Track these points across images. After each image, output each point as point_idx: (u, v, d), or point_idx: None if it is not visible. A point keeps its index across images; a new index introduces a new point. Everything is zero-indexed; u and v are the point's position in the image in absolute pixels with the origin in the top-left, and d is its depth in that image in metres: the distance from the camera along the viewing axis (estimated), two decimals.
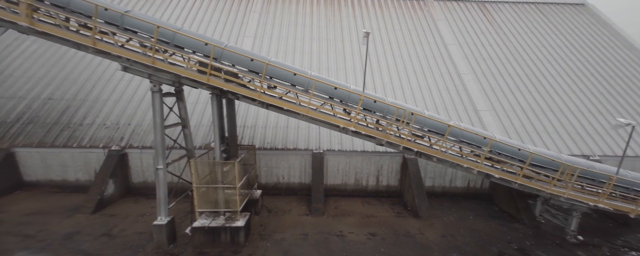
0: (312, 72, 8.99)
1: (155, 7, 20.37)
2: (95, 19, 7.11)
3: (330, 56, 18.54)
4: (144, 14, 8.09)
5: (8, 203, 11.49)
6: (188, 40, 8.05)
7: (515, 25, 22.37)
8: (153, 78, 8.26)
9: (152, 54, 7.49)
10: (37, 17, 7.25)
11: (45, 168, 12.81)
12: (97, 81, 15.32)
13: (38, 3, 7.24)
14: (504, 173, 8.86)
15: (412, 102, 15.85)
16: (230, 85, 8.17)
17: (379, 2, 23.75)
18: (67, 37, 7.11)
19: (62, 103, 14.12)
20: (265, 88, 8.35)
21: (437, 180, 14.13)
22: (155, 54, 7.55)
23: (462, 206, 13.08)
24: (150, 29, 7.91)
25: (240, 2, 22.00)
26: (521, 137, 14.49)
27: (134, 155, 12.95)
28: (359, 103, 8.19)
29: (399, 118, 8.41)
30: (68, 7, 7.48)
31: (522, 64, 19.00)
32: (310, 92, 8.41)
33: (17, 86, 14.61)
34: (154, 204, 12.30)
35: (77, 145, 12.64)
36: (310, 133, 14.19)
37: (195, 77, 7.88)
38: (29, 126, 13.07)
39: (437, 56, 19.06)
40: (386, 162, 13.84)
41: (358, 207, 12.68)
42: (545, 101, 16.61)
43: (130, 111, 14.19)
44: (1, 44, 16.56)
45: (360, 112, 8.71)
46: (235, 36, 19.09)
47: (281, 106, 8.28)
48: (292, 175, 13.89)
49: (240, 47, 8.79)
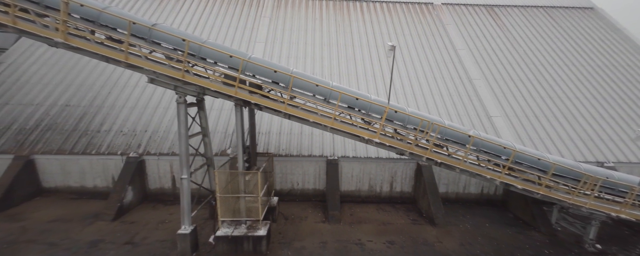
0: (333, 82, 9.08)
1: (167, 13, 20.54)
2: (128, 34, 7.23)
3: (342, 62, 18.63)
4: (170, 27, 8.22)
5: (29, 210, 11.65)
6: (213, 52, 8.17)
7: (525, 29, 22.39)
8: (179, 90, 8.38)
9: (183, 68, 7.62)
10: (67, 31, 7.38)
11: (64, 174, 12.97)
12: (113, 87, 15.48)
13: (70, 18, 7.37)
14: (526, 183, 8.92)
15: (424, 108, 15.91)
16: (258, 98, 8.29)
17: (388, 6, 23.83)
18: (100, 52, 7.24)
19: (79, 110, 14.28)
20: (289, 100, 8.45)
21: (451, 186, 14.19)
22: (185, 68, 7.67)
23: (477, 213, 13.12)
24: (177, 42, 8.03)
25: (250, 7, 22.14)
26: (534, 143, 14.52)
27: (151, 161, 13.09)
28: (384, 114, 8.27)
29: (422, 130, 8.49)
30: (97, 21, 7.61)
31: (532, 68, 19.02)
32: (335, 104, 8.51)
33: (34, 93, 14.79)
34: (172, 210, 12.45)
35: (95, 152, 12.79)
36: (324, 139, 14.28)
37: (223, 90, 8.00)
38: (48, 133, 13.24)
39: (447, 61, 19.11)
40: (400, 169, 13.91)
41: (373, 214, 12.75)
42: (557, 106, 16.64)
43: (146, 118, 14.33)
44: (17, 51, 16.78)
45: (376, 120, 8.79)
46: (246, 42, 19.23)
47: (307, 118, 8.39)
48: (306, 181, 13.99)
49: (263, 58, 8.90)
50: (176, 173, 13.35)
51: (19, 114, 13.82)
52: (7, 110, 13.88)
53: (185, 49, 7.54)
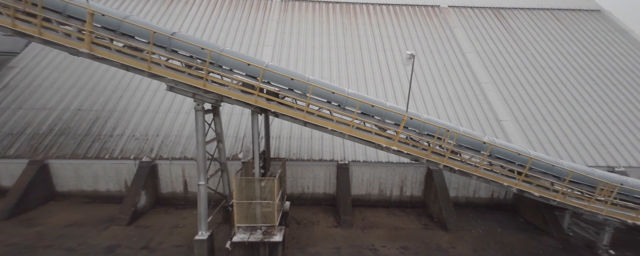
0: (348, 89, 9.14)
1: (175, 17, 20.65)
2: (151, 43, 7.31)
3: (349, 65, 18.69)
4: (188, 36, 8.29)
5: (44, 215, 11.76)
6: (232, 61, 8.24)
7: (532, 32, 22.37)
8: (197, 98, 8.45)
9: (204, 77, 7.69)
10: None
11: (78, 179, 13.08)
12: (124, 91, 15.59)
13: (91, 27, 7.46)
14: (543, 191, 8.95)
15: (433, 112, 15.94)
16: (276, 106, 8.36)
17: (395, 9, 23.87)
18: (125, 63, 7.33)
19: (91, 115, 14.39)
20: (307, 108, 8.51)
21: (461, 190, 14.22)
22: (206, 77, 7.75)
23: (488, 218, 13.15)
24: (196, 50, 8.10)
25: (258, 10, 22.22)
26: (544, 147, 14.53)
27: (163, 166, 13.18)
28: (402, 122, 8.32)
29: (438, 137, 8.53)
30: (118, 30, 7.70)
31: (541, 72, 19.01)
32: (350, 111, 8.57)
33: (46, 97, 14.92)
34: (184, 215, 12.54)
35: (108, 156, 12.89)
36: (335, 143, 14.33)
37: (243, 98, 8.06)
38: (61, 137, 13.35)
39: (455, 64, 19.13)
40: (410, 173, 13.95)
41: (384, 218, 12.80)
42: (566, 110, 16.63)
43: (157, 122, 14.43)
44: (28, 55, 16.92)
45: (390, 127, 8.84)
46: (255, 45, 19.31)
47: (325, 126, 8.45)
48: (316, 185, 14.05)
49: (279, 66, 8.97)
50: (188, 178, 13.44)
51: (32, 119, 13.95)
52: (20, 115, 14.01)
53: (207, 59, 7.61)
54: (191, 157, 13.20)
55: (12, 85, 15.27)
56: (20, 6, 6.66)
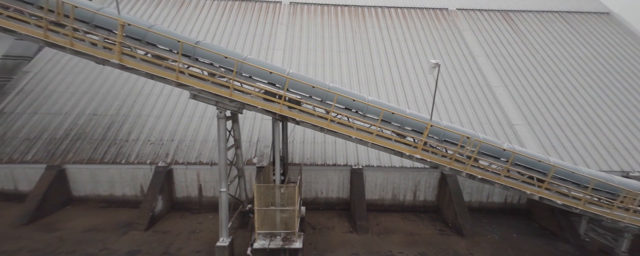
0: (369, 96, 9.18)
1: (185, 21, 20.76)
2: (180, 53, 7.39)
3: (360, 69, 18.72)
4: (212, 44, 8.36)
5: (63, 220, 11.86)
6: (255, 69, 8.30)
7: (541, 35, 22.33)
8: (219, 106, 8.52)
9: (231, 86, 7.76)
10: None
11: (94, 183, 13.18)
12: (138, 96, 15.70)
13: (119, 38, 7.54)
14: (565, 199, 8.96)
15: (445, 117, 15.95)
16: (298, 114, 8.41)
17: (403, 12, 23.88)
18: (154, 73, 7.41)
19: (106, 119, 14.50)
20: (331, 117, 8.55)
21: (474, 195, 14.23)
22: (232, 86, 7.81)
23: (502, 223, 13.15)
24: (219, 59, 8.17)
25: (267, 14, 22.30)
26: (558, 152, 14.51)
27: (179, 170, 13.26)
28: (426, 131, 8.36)
29: (462, 145, 8.56)
30: (144, 40, 7.77)
31: (552, 75, 18.98)
32: (370, 117, 8.61)
33: (61, 102, 15.04)
34: (200, 219, 12.62)
35: (125, 161, 12.99)
36: (348, 148, 14.37)
37: (268, 107, 8.12)
38: (78, 142, 13.46)
39: (466, 68, 19.13)
40: (424, 178, 13.98)
41: (399, 224, 12.83)
42: (579, 114, 16.60)
43: (172, 126, 14.52)
44: (42, 60, 17.06)
45: (409, 133, 8.87)
46: (265, 49, 19.38)
47: (349, 135, 8.50)
48: (330, 190, 14.10)
49: (300, 73, 9.02)
50: (203, 182, 13.52)
51: (48, 124, 14.07)
52: (36, 120, 14.13)
53: (234, 68, 7.67)
54: (206, 162, 13.28)
55: (27, 90, 15.41)
56: (53, 18, 6.73)
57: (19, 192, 12.99)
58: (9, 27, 6.69)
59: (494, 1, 25.53)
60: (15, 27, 6.71)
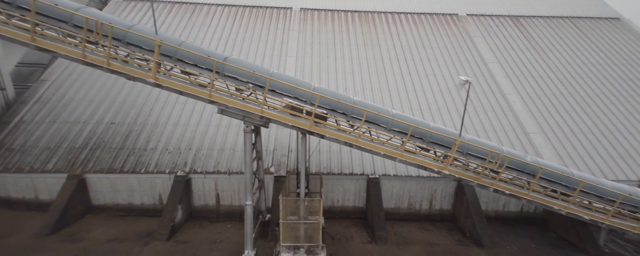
0: (393, 110, 9.24)
1: (198, 28, 20.89)
2: (214, 71, 7.48)
3: (372, 76, 18.77)
4: (240, 60, 8.45)
5: (84, 229, 11.98)
6: (282, 85, 8.38)
7: (552, 40, 22.31)
8: (246, 120, 8.60)
9: (262, 104, 7.84)
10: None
11: (114, 192, 13.30)
12: (154, 104, 15.82)
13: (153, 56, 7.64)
14: (594, 214, 8.98)
15: (458, 125, 15.97)
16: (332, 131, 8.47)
17: (413, 17, 23.92)
18: (188, 91, 7.51)
19: (124, 128, 14.63)
20: (360, 133, 8.62)
21: (490, 204, 14.24)
22: (264, 103, 7.89)
23: (520, 233, 13.15)
24: (248, 75, 8.25)
25: (278, 20, 22.41)
26: (575, 161, 14.50)
27: (197, 179, 13.36)
28: (454, 147, 8.41)
29: (491, 161, 8.62)
30: (174, 56, 7.87)
31: (564, 82, 18.97)
32: (397, 132, 8.68)
33: (79, 111, 15.18)
34: (219, 229, 12.71)
35: (144, 170, 13.10)
36: (364, 157, 14.42)
37: (297, 124, 8.20)
38: (97, 152, 13.58)
39: (478, 75, 19.15)
40: (440, 187, 14.00)
41: (416, 233, 12.86)
42: (593, 122, 16.58)
43: (189, 135, 14.63)
44: (59, 68, 17.21)
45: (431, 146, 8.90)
46: (277, 56, 19.48)
47: (378, 151, 8.56)
48: (346, 199, 14.15)
49: (325, 88, 9.10)
50: (220, 191, 13.61)
51: (67, 133, 14.21)
52: (56, 129, 14.28)
53: (266, 85, 7.76)
54: (224, 171, 13.37)
55: (45, 99, 15.56)
56: (91, 37, 6.85)
57: (40, 201, 13.13)
58: (49, 47, 6.81)
59: (503, 6, 25.53)
60: (54, 48, 6.83)
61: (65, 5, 7.24)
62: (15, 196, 13.08)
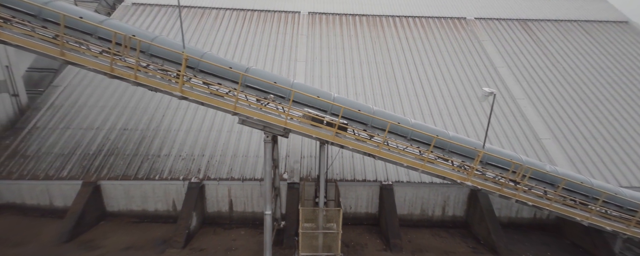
0: (412, 120, 9.24)
1: (207, 32, 20.95)
2: (240, 84, 7.50)
3: (382, 81, 18.77)
4: (261, 71, 8.46)
5: (99, 236, 12.01)
6: (304, 96, 8.39)
7: (561, 44, 22.26)
8: (267, 130, 8.61)
9: (286, 116, 7.86)
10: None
11: (127, 199, 13.33)
12: (166, 110, 15.86)
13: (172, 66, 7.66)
14: (615, 224, 8.96)
15: (472, 131, 15.95)
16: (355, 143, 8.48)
17: (421, 21, 23.91)
18: (214, 104, 7.53)
19: (137, 134, 14.67)
20: (383, 144, 8.62)
21: (503, 210, 14.20)
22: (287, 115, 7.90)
23: (534, 240, 13.13)
24: (269, 86, 8.27)
25: (286, 24, 22.44)
26: (588, 167, 14.46)
27: (211, 186, 13.38)
28: (477, 158, 8.41)
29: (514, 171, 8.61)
30: (197, 68, 7.89)
31: (575, 87, 18.93)
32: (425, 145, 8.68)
33: (92, 117, 15.22)
34: (233, 236, 12.74)
35: (158, 177, 13.13)
36: (377, 163, 14.41)
37: (322, 136, 8.21)
38: (111, 158, 13.62)
39: (488, 80, 19.12)
40: (453, 193, 13.99)
41: (430, 240, 12.85)
42: (605, 127, 16.54)
43: (201, 141, 14.66)
44: (70, 73, 17.26)
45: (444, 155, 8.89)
46: (287, 61, 19.50)
47: (401, 162, 8.57)
48: (359, 205, 14.15)
49: (344, 97, 9.11)
50: (234, 198, 13.63)
51: (80, 139, 14.25)
52: (69, 135, 14.32)
53: (291, 98, 7.77)
54: (238, 178, 13.39)
55: (58, 105, 15.61)
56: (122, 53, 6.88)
57: (54, 207, 13.17)
58: (78, 61, 6.85)
59: (511, 10, 25.49)
60: (83, 62, 6.87)
61: (90, 17, 7.27)
62: (30, 202, 13.13)
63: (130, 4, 22.32)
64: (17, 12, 7.20)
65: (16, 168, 12.97)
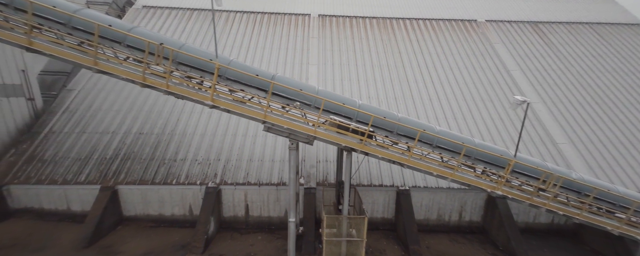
0: (438, 127, 9.18)
1: (218, 35, 20.90)
2: (269, 92, 7.47)
3: (395, 84, 18.70)
4: (287, 78, 8.42)
5: (119, 242, 12.01)
6: (329, 104, 8.34)
7: (573, 47, 22.11)
8: (291, 138, 8.57)
9: (316, 125, 7.82)
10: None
11: (144, 204, 13.33)
12: (180, 114, 15.86)
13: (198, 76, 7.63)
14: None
15: (487, 136, 15.85)
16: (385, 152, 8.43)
17: (432, 23, 23.81)
18: (246, 113, 7.50)
19: (152, 138, 14.67)
20: (412, 153, 8.56)
21: (521, 216, 14.09)
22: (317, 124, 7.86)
23: (553, 246, 13.02)
24: (294, 94, 8.23)
25: (297, 27, 22.41)
26: (606, 172, 14.35)
27: (227, 190, 13.35)
28: (508, 167, 8.34)
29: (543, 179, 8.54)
30: (224, 75, 7.86)
31: (589, 90, 18.79)
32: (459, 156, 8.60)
33: (107, 121, 15.24)
34: (250, 240, 12.70)
35: (175, 182, 13.12)
36: (393, 168, 14.35)
37: (351, 144, 8.16)
38: (128, 163, 13.63)
39: (501, 83, 19.02)
40: (470, 198, 13.90)
41: (449, 247, 12.77)
42: (621, 131, 16.40)
43: (216, 145, 14.64)
44: (84, 77, 17.30)
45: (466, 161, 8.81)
46: (299, 64, 19.47)
47: (431, 171, 8.50)
48: (375, 210, 14.08)
49: (368, 105, 9.06)
50: (250, 202, 13.60)
51: (97, 143, 14.27)
52: (86, 140, 14.34)
53: (321, 107, 7.73)
54: (254, 182, 13.36)
55: (73, 109, 15.64)
56: (153, 62, 6.86)
57: (72, 212, 13.17)
58: (111, 71, 6.84)
59: (521, 12, 25.35)
60: (116, 71, 6.86)
61: (119, 25, 7.25)
62: (47, 207, 13.14)
63: (141, 7, 22.35)
64: (47, 20, 7.20)
65: (34, 172, 13.00)
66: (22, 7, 6.49)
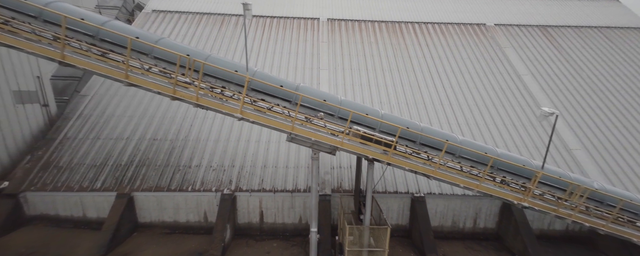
0: (459, 136, 9.17)
1: (228, 39, 20.96)
2: (298, 104, 7.48)
3: (406, 89, 18.69)
4: (311, 88, 8.43)
5: (135, 249, 12.01)
6: (355, 115, 8.34)
7: (583, 51, 22.08)
8: (314, 148, 8.57)
9: (342, 137, 7.82)
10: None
11: (160, 210, 13.33)
12: (193, 119, 15.88)
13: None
14: None
15: (501, 142, 15.83)
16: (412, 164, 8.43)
17: (441, 27, 23.81)
18: (274, 125, 7.51)
19: (166, 144, 14.69)
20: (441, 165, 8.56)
21: (536, 222, 14.05)
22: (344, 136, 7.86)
23: (568, 253, 12.98)
24: (318, 104, 8.23)
25: (306, 31, 22.43)
26: (621, 180, 14.30)
27: (242, 197, 13.35)
28: (536, 178, 8.32)
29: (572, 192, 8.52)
30: (249, 86, 7.87)
31: (601, 95, 18.75)
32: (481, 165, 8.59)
33: (121, 127, 15.27)
34: (266, 248, 12.70)
35: (191, 188, 13.13)
36: (407, 174, 14.33)
37: (378, 157, 8.15)
38: (143, 169, 13.64)
39: (513, 88, 18.99)
40: (485, 205, 13.87)
41: (464, 254, 12.75)
42: (635, 137, 16.35)
43: (230, 151, 14.65)
44: (96, 82, 17.33)
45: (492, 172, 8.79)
46: (309, 69, 19.48)
47: (458, 183, 8.50)
48: (389, 216, 14.04)
49: (390, 114, 9.05)
50: (264, 209, 13.59)
51: (111, 149, 14.29)
52: (100, 146, 14.36)
53: (349, 118, 7.73)
54: (269, 189, 13.37)
55: (87, 115, 15.67)
56: (182, 74, 6.89)
57: (87, 219, 13.18)
58: (142, 84, 6.86)
59: (530, 16, 25.33)
60: (147, 84, 6.88)
61: (146, 38, 7.27)
62: (63, 214, 13.15)
63: (151, 11, 22.41)
64: (74, 32, 7.22)
65: (50, 179, 13.02)
66: (54, 21, 6.52)
